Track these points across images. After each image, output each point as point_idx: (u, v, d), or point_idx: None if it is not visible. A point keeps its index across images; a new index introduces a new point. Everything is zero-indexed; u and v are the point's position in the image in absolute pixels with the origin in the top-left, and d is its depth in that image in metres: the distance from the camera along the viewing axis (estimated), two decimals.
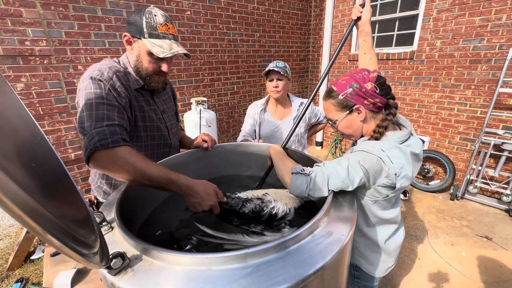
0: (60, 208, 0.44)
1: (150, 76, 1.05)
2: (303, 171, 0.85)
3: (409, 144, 0.89)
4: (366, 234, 1.01)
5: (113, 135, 0.87)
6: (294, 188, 0.85)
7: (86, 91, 0.92)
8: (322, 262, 0.57)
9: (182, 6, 3.03)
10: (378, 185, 0.87)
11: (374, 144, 0.86)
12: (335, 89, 0.93)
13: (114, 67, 1.01)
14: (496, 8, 2.70)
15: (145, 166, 0.85)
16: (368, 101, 0.89)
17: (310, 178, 0.83)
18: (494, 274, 2.07)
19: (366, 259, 1.05)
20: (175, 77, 3.19)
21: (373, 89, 0.88)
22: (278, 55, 4.22)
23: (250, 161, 1.34)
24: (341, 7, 4.06)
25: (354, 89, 0.89)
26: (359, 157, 0.84)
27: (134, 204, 0.94)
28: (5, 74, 2.19)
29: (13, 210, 0.29)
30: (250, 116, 1.84)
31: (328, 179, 0.82)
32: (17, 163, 0.36)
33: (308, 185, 0.82)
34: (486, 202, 3.01)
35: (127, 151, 0.87)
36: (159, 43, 0.96)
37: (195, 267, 0.56)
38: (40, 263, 2.27)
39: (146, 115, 1.10)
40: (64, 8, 2.34)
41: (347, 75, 0.93)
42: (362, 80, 0.89)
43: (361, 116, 0.92)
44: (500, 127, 2.89)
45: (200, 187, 0.85)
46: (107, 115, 0.90)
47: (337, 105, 0.94)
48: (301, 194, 0.84)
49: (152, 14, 0.95)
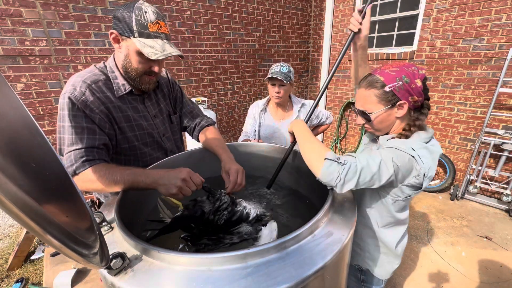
0: (60, 208, 0.44)
1: (140, 77, 0.98)
2: (338, 159, 0.78)
3: (433, 144, 0.87)
4: (379, 236, 0.99)
5: (78, 160, 0.89)
6: (325, 175, 0.77)
7: (60, 112, 0.92)
8: (322, 262, 0.57)
9: (182, 6, 3.03)
10: (404, 184, 0.84)
11: (404, 142, 0.83)
12: (382, 79, 0.85)
13: (91, 77, 0.95)
14: (496, 8, 2.70)
15: (110, 176, 0.87)
16: (412, 99, 0.84)
17: (343, 168, 0.76)
18: (494, 274, 2.07)
19: (376, 261, 1.03)
20: (175, 77, 3.19)
21: (422, 87, 0.83)
22: (278, 55, 4.22)
23: (250, 161, 1.33)
24: (341, 7, 4.06)
25: (404, 83, 0.82)
26: (392, 154, 0.80)
27: (134, 204, 0.94)
28: (5, 74, 2.19)
29: (13, 210, 0.29)
30: (250, 116, 1.84)
31: (361, 172, 0.77)
32: (17, 163, 0.36)
33: (340, 175, 0.76)
34: (486, 202, 3.01)
35: (91, 171, 0.89)
36: (151, 43, 0.88)
37: (195, 267, 0.56)
38: (40, 263, 2.27)
39: (133, 124, 1.05)
40: (64, 8, 2.34)
41: (396, 65, 0.86)
42: (413, 75, 0.83)
43: (401, 113, 0.87)
44: (500, 127, 2.89)
45: (168, 172, 0.85)
46: (75, 139, 0.90)
47: (381, 97, 0.86)
48: (329, 182, 0.77)
49: (143, 11, 0.86)
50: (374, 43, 3.90)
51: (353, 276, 1.11)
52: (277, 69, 1.60)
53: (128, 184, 0.86)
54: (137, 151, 1.08)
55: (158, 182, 0.83)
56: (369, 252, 1.03)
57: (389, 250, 1.00)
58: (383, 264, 1.03)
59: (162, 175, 0.84)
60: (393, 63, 0.88)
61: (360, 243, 1.05)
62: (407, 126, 0.88)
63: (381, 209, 0.95)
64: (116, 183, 0.86)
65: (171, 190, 0.82)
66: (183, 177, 0.82)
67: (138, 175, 0.87)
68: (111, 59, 1.02)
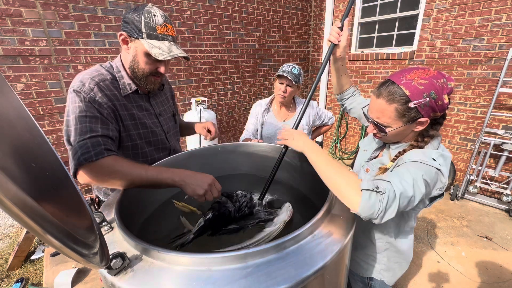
0: (60, 208, 0.44)
1: (146, 77, 1.02)
2: (378, 189, 0.68)
3: (443, 149, 0.82)
4: (397, 246, 0.96)
5: (96, 147, 0.87)
6: (367, 209, 0.66)
7: (70, 105, 0.92)
8: (322, 262, 0.57)
9: (182, 6, 3.03)
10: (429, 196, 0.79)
11: (424, 152, 0.76)
12: (408, 93, 0.74)
13: (99, 75, 0.97)
14: (496, 8, 2.70)
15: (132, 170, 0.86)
16: (434, 115, 0.77)
17: (384, 198, 0.67)
18: (494, 274, 2.07)
19: (391, 272, 1.01)
20: (175, 77, 3.19)
21: (448, 103, 0.75)
22: (278, 55, 4.22)
23: (250, 161, 1.33)
24: (341, 7, 4.06)
25: (431, 99, 0.73)
26: (421, 170, 0.72)
27: (134, 204, 0.94)
28: (5, 74, 2.19)
29: (13, 210, 0.29)
30: (253, 115, 1.83)
31: (400, 197, 0.68)
32: (17, 163, 0.36)
33: (381, 206, 0.66)
34: (486, 202, 3.01)
35: (112, 160, 0.87)
36: (158, 44, 0.93)
37: (195, 267, 0.56)
38: (40, 263, 2.27)
39: (138, 122, 1.07)
40: (64, 8, 2.34)
41: (424, 76, 0.74)
42: (441, 90, 0.73)
43: (420, 128, 0.79)
44: (500, 127, 2.89)
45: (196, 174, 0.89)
46: (89, 128, 0.89)
47: (402, 113, 0.77)
48: (371, 216, 0.68)
49: (152, 14, 0.91)
50: (374, 43, 3.90)
51: (360, 282, 1.10)
52: (288, 69, 1.61)
53: (151, 179, 0.86)
54: (139, 150, 1.10)
55: (185, 181, 0.85)
56: (385, 264, 1.00)
57: (402, 258, 0.99)
58: (396, 272, 1.02)
59: (190, 175, 0.87)
60: (420, 70, 0.76)
61: (376, 256, 1.00)
62: (421, 138, 0.82)
63: (401, 222, 0.92)
64: (138, 176, 0.85)
65: (198, 192, 0.84)
66: (210, 183, 0.86)
67: (162, 171, 0.88)
68: (117, 60, 1.05)
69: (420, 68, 0.78)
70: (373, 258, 1.01)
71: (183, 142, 3.46)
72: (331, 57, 1.08)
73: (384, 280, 1.02)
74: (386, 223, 0.84)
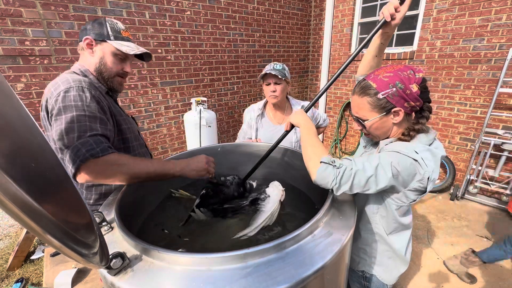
0: (60, 208, 0.44)
1: (113, 77, 1.07)
2: (333, 163, 0.78)
3: (436, 147, 0.84)
4: (387, 241, 0.97)
5: (99, 144, 0.87)
6: (320, 178, 0.78)
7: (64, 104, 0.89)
8: (322, 262, 0.57)
9: (182, 6, 3.03)
10: (408, 189, 0.82)
11: (407, 145, 0.80)
12: (374, 86, 0.82)
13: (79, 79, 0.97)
14: (496, 8, 2.70)
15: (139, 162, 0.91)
16: (408, 104, 0.81)
17: (339, 172, 0.76)
18: (494, 274, 2.07)
19: (383, 267, 1.01)
20: (175, 77, 3.19)
21: (418, 92, 0.79)
22: (278, 55, 4.22)
23: (250, 161, 1.34)
24: (341, 7, 4.06)
25: (398, 89, 0.79)
26: (391, 158, 0.77)
27: (134, 204, 0.94)
28: (5, 74, 2.19)
29: (13, 210, 0.29)
30: (246, 122, 1.72)
31: (354, 175, 0.76)
32: (17, 163, 0.36)
33: (335, 178, 0.76)
34: (486, 202, 3.01)
35: (116, 155, 0.89)
36: (126, 44, 1.04)
37: (195, 267, 0.56)
38: (40, 263, 2.27)
39: (122, 118, 1.10)
40: (64, 8, 2.34)
41: (389, 70, 0.82)
42: (408, 80, 0.79)
43: (398, 119, 0.84)
44: (500, 127, 2.89)
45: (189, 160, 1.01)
46: (89, 127, 0.88)
47: (374, 105, 0.84)
48: (325, 185, 0.78)
49: (114, 22, 1.04)
50: None
51: (357, 283, 1.10)
52: (270, 67, 1.51)
53: (157, 171, 0.92)
54: (129, 143, 1.13)
55: (185, 169, 0.98)
56: (376, 257, 1.00)
57: (397, 256, 0.98)
58: (391, 269, 1.01)
59: (187, 162, 0.99)
60: (387, 67, 0.84)
61: (366, 249, 1.02)
62: (406, 131, 0.85)
63: (386, 215, 0.93)
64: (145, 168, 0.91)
65: (201, 173, 1.00)
66: (205, 161, 1.02)
67: (165, 164, 0.96)
68: (79, 66, 1.05)
69: (389, 65, 0.86)
70: (364, 250, 1.03)
71: (183, 142, 3.46)
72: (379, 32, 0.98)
73: (377, 275, 1.02)
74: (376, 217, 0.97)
